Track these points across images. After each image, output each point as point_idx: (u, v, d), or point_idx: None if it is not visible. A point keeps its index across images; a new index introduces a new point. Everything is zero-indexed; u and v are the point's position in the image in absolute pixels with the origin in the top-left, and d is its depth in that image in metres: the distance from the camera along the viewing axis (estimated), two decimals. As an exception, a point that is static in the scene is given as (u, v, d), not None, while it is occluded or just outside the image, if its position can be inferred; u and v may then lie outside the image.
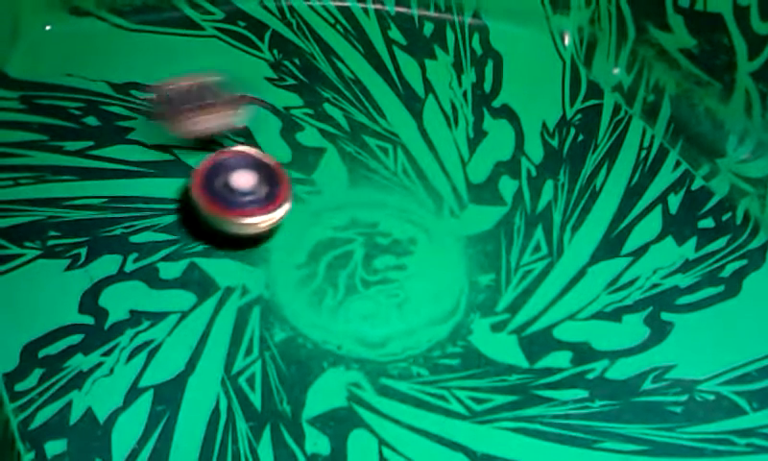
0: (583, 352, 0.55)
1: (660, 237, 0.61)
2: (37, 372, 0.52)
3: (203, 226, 0.59)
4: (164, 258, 0.58)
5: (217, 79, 0.63)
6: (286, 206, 0.58)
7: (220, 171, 0.59)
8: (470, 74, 0.70)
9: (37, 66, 0.67)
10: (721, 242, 0.61)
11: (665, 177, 0.64)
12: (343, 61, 0.70)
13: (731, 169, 0.64)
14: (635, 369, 0.55)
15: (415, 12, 0.73)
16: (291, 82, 0.68)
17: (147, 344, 0.54)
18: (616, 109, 0.68)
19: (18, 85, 0.66)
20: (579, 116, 0.67)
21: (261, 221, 0.58)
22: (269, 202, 0.58)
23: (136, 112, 0.65)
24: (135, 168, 0.62)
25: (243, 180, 0.58)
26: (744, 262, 0.60)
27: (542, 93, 0.69)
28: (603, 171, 0.64)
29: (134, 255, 0.58)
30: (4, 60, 0.67)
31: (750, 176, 0.63)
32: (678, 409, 0.53)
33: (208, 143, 0.63)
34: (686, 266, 0.59)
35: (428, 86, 0.69)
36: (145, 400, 0.52)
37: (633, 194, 0.63)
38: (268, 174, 0.59)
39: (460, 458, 0.51)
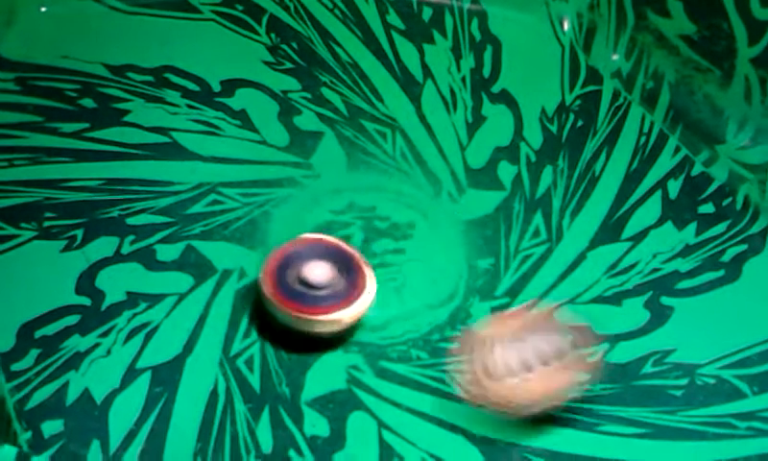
0: (583, 336, 0.55)
1: (659, 222, 0.61)
2: (34, 352, 0.52)
3: (273, 323, 0.53)
4: (161, 241, 0.58)
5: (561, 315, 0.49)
6: (369, 295, 0.53)
7: (290, 263, 0.53)
8: (469, 59, 0.69)
9: (33, 48, 0.66)
10: (721, 227, 0.61)
11: (665, 162, 0.64)
12: (341, 46, 0.69)
13: (730, 155, 0.64)
14: (635, 353, 0.54)
15: (413, -4, 0.73)
16: (288, 65, 0.68)
17: (144, 326, 0.54)
18: (616, 95, 0.68)
19: (14, 67, 0.65)
20: (578, 102, 0.67)
21: (343, 317, 0.52)
22: (348, 293, 0.52)
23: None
24: (132, 150, 0.62)
25: (318, 272, 0.52)
26: (744, 247, 0.59)
27: (541, 79, 0.69)
28: (602, 157, 0.64)
29: (131, 237, 0.58)
30: (-1, 41, 0.66)
31: (749, 162, 0.63)
32: (678, 393, 0.53)
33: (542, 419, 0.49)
34: (686, 251, 0.59)
35: (427, 71, 0.68)
36: (142, 382, 0.51)
37: (632, 179, 0.63)
38: (343, 261, 0.54)
39: (459, 440, 0.51)
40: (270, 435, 0.50)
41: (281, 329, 0.53)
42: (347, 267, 0.54)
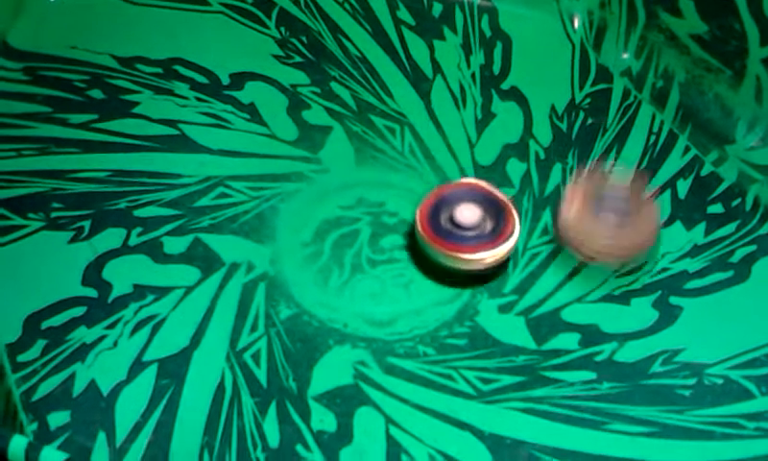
0: (591, 335, 0.55)
1: (668, 222, 0.60)
2: (40, 343, 0.52)
3: (424, 257, 0.57)
4: (169, 233, 0.58)
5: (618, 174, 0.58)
6: (512, 242, 0.56)
7: (444, 204, 0.57)
8: (479, 56, 0.69)
9: (41, 38, 0.66)
10: (730, 227, 0.60)
11: (674, 162, 0.64)
12: (350, 40, 0.69)
13: (739, 156, 0.63)
14: (643, 352, 0.54)
15: (423, -8, 0.72)
16: (298, 59, 0.68)
17: (151, 318, 0.54)
18: (626, 93, 0.67)
19: (22, 57, 0.65)
20: (588, 100, 0.67)
21: (485, 257, 0.56)
22: (494, 237, 0.56)
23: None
24: (140, 142, 0.62)
25: (467, 214, 0.56)
26: (753, 248, 0.59)
27: (551, 76, 0.68)
28: (612, 155, 0.64)
29: (139, 229, 0.57)
30: (8, 30, 0.66)
31: (759, 163, 0.63)
32: (687, 392, 0.53)
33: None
34: (695, 251, 0.59)
35: (436, 67, 0.68)
36: (149, 374, 0.51)
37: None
38: (494, 207, 0.57)
39: (467, 437, 0.50)
40: (277, 429, 0.50)
41: (431, 264, 0.57)
42: (495, 212, 0.57)
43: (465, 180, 0.60)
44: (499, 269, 0.57)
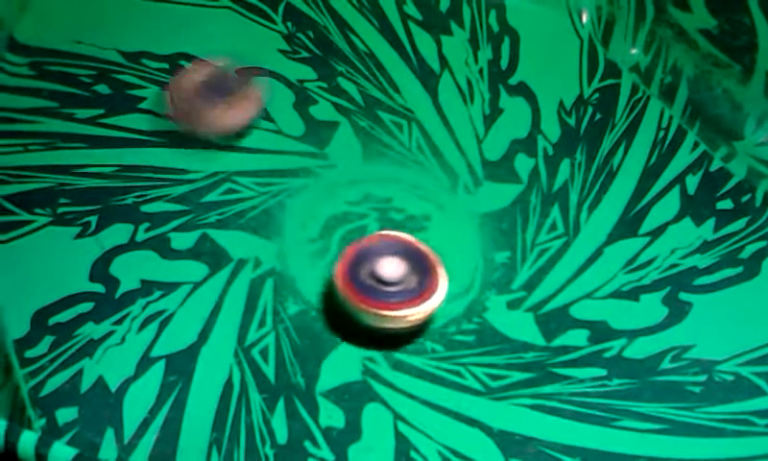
0: (600, 331, 0.55)
1: (677, 218, 0.60)
2: (48, 339, 0.51)
3: (342, 312, 0.54)
4: (176, 229, 0.57)
5: (227, 63, 0.62)
6: (439, 297, 0.52)
7: (365, 258, 0.53)
8: (487, 51, 0.69)
9: (47, 32, 0.66)
10: (740, 223, 0.60)
11: (683, 158, 0.63)
12: (357, 35, 0.69)
13: (748, 152, 0.63)
14: (653, 348, 0.54)
15: (431, -13, 0.72)
16: (305, 54, 0.67)
17: (159, 314, 0.53)
18: (634, 89, 0.67)
19: (28, 51, 0.65)
20: (596, 95, 0.67)
21: (411, 314, 0.52)
22: (420, 292, 0.52)
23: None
24: (146, 137, 0.61)
25: (391, 268, 0.53)
26: (763, 244, 0.59)
27: (559, 72, 0.68)
28: (620, 151, 0.64)
29: (146, 225, 0.57)
30: (14, 25, 0.66)
31: (768, 159, 0.63)
32: (697, 389, 0.52)
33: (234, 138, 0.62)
34: (705, 247, 0.59)
35: (444, 62, 0.68)
36: (157, 370, 0.51)
37: (650, 174, 0.62)
38: (417, 260, 0.53)
39: (476, 434, 0.50)
40: (285, 426, 0.50)
41: (351, 322, 0.53)
42: (420, 266, 0.54)
43: (386, 232, 0.56)
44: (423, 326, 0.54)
